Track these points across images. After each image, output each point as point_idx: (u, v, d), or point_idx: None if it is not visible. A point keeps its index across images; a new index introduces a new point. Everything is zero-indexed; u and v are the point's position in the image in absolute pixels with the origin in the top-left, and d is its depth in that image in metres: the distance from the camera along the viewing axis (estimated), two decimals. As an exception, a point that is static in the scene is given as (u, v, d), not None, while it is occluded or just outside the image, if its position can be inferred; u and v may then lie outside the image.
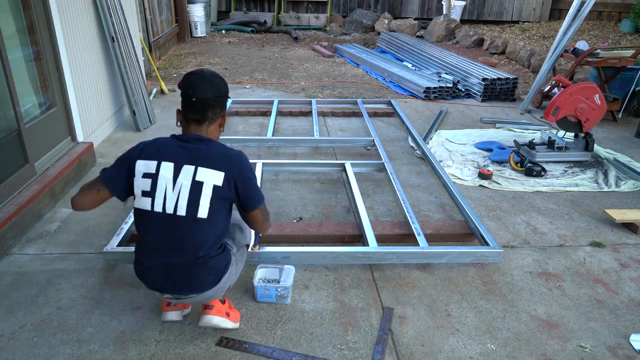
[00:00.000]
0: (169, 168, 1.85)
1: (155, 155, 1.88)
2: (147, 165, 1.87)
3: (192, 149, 1.87)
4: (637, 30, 8.59)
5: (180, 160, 1.86)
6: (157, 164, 1.86)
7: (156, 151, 1.89)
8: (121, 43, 4.30)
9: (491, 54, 8.65)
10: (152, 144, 1.94)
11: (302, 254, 2.58)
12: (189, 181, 1.83)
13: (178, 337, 2.10)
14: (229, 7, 11.25)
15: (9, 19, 2.96)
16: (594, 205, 3.37)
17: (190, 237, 1.86)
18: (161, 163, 1.86)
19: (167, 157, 1.87)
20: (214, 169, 1.85)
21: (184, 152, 1.87)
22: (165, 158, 1.86)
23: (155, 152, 1.89)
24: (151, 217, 1.86)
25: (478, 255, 2.62)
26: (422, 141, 4.21)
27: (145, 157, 1.88)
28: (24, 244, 2.73)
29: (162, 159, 1.86)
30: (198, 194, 1.83)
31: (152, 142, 1.95)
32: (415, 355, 2.04)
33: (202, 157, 1.86)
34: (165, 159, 1.86)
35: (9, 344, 2.03)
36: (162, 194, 1.84)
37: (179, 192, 1.83)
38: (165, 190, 1.84)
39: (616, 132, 4.89)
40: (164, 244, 1.88)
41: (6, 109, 2.84)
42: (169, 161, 1.86)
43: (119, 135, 4.46)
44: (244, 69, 7.25)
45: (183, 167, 1.85)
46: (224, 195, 1.86)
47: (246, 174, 1.90)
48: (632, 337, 2.16)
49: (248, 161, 1.94)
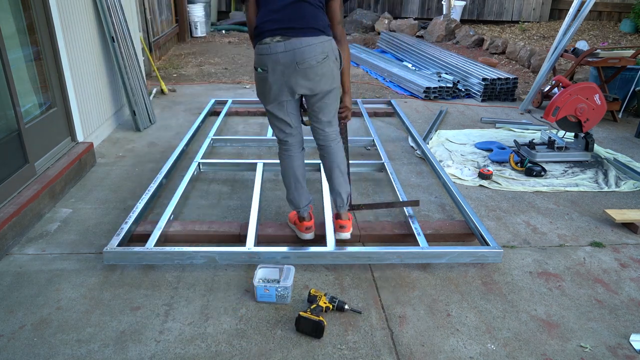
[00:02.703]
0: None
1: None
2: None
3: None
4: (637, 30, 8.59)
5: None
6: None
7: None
8: (121, 43, 4.30)
9: (491, 54, 8.65)
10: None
11: (302, 254, 2.58)
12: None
13: (178, 337, 2.10)
14: (229, 7, 11.25)
15: (9, 19, 2.96)
16: (594, 205, 3.37)
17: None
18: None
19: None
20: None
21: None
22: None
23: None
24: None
25: (478, 255, 2.62)
26: (422, 141, 4.21)
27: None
28: (24, 244, 2.74)
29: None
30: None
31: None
32: (415, 355, 2.04)
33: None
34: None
35: (8, 344, 2.03)
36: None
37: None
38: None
39: (616, 132, 4.89)
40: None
41: (6, 109, 2.84)
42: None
43: (119, 135, 4.46)
44: (244, 69, 7.25)
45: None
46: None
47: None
48: (632, 337, 2.16)
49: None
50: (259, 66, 2.36)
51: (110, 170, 3.72)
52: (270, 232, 2.80)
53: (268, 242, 2.78)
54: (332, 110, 2.52)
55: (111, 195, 3.32)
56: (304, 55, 2.27)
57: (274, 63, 2.30)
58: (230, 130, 4.67)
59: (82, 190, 3.38)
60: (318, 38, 2.29)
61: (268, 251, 2.56)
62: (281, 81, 2.34)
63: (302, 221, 2.73)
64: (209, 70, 7.17)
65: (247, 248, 2.57)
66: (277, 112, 2.49)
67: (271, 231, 2.81)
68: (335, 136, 2.60)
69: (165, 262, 2.56)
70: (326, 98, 2.44)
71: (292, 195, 2.68)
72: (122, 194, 3.34)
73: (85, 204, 3.20)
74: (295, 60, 2.28)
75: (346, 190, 2.65)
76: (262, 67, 2.35)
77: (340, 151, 2.62)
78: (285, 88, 2.37)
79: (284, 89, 2.37)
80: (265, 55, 2.31)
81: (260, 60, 2.34)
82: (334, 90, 2.44)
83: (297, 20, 2.28)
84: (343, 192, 2.64)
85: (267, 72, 2.34)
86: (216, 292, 2.38)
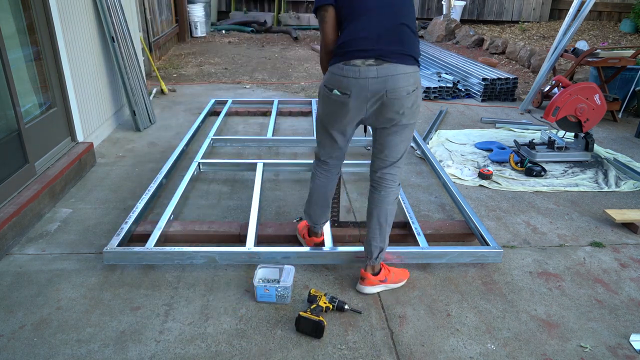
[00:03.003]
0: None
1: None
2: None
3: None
4: (637, 30, 8.59)
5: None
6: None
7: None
8: (121, 43, 4.30)
9: (491, 54, 8.65)
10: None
11: (302, 254, 2.58)
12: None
13: (178, 337, 2.10)
14: (229, 7, 11.26)
15: (9, 19, 2.96)
16: (594, 205, 3.37)
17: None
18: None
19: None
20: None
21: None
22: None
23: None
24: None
25: (478, 255, 2.62)
26: (422, 141, 4.21)
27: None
28: (24, 244, 2.74)
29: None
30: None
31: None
32: (415, 355, 2.04)
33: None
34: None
35: (8, 344, 2.03)
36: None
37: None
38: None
39: (616, 132, 4.89)
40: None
41: (6, 109, 2.84)
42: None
43: (119, 135, 4.46)
44: (244, 69, 7.25)
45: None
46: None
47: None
48: (632, 337, 2.16)
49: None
50: (339, 89, 2.09)
51: (110, 170, 3.72)
52: (270, 232, 2.80)
53: (268, 242, 2.78)
54: (401, 149, 2.22)
55: (111, 195, 3.32)
56: (396, 84, 2.03)
57: (360, 88, 2.05)
58: (230, 130, 4.67)
59: (82, 190, 3.38)
60: (413, 67, 2.07)
61: (268, 251, 2.56)
62: (363, 108, 2.11)
63: (311, 236, 2.66)
64: (209, 70, 7.17)
65: (247, 248, 2.57)
66: (337, 136, 2.26)
67: (271, 231, 2.81)
68: (393, 183, 2.29)
69: (165, 262, 2.56)
70: (399, 134, 2.17)
71: (313, 210, 2.55)
72: (122, 194, 3.34)
73: (85, 204, 3.20)
74: (386, 89, 2.03)
75: (378, 245, 2.33)
76: (343, 90, 2.08)
77: (390, 204, 2.30)
78: (362, 115, 2.14)
79: (360, 116, 2.15)
80: (351, 78, 2.05)
81: (342, 82, 2.07)
82: (411, 125, 2.18)
83: (397, 45, 2.04)
84: (373, 245, 2.33)
85: (349, 96, 2.08)
86: (216, 292, 2.38)
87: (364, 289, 2.38)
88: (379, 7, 2.04)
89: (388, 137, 2.19)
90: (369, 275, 2.36)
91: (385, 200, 2.30)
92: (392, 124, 2.14)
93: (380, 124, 2.17)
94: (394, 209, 2.34)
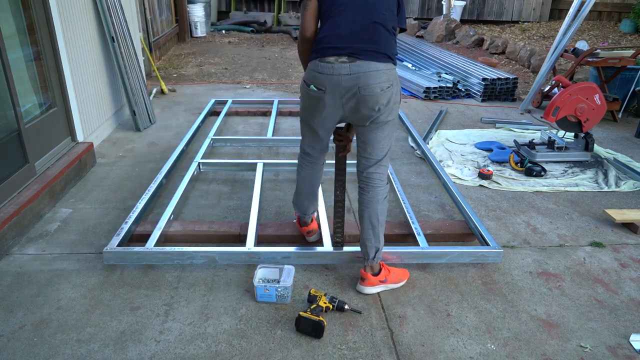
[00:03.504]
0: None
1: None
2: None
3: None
4: (637, 30, 8.59)
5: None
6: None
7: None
8: (121, 43, 4.30)
9: (491, 54, 8.65)
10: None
11: (302, 254, 2.58)
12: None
13: (178, 337, 2.10)
14: (229, 7, 11.26)
15: (9, 19, 2.96)
16: (594, 205, 3.37)
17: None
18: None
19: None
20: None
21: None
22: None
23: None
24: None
25: (478, 255, 2.62)
26: (422, 141, 4.21)
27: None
28: (24, 244, 2.73)
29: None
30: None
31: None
32: (415, 355, 2.04)
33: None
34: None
35: (8, 344, 2.03)
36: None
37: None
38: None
39: (616, 132, 4.89)
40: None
41: (6, 109, 2.84)
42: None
43: (119, 135, 4.46)
44: (244, 69, 7.25)
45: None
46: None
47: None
48: (632, 337, 2.16)
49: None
50: (315, 84, 2.17)
51: (110, 170, 3.72)
52: (270, 232, 2.80)
53: (268, 242, 2.78)
54: (384, 146, 2.26)
55: (111, 195, 3.32)
56: (368, 81, 2.09)
57: (334, 85, 2.12)
58: (230, 130, 4.67)
59: (82, 190, 3.38)
60: (386, 65, 2.12)
61: (268, 251, 2.56)
62: (338, 104, 2.17)
63: (302, 226, 2.73)
64: (209, 70, 7.17)
65: (247, 248, 2.57)
66: (318, 129, 2.33)
67: (271, 231, 2.81)
68: (379, 182, 2.32)
69: (165, 262, 2.56)
70: (380, 130, 2.21)
71: (301, 201, 2.62)
72: (122, 194, 3.34)
73: (85, 204, 3.20)
74: (359, 85, 2.09)
75: (374, 245, 2.34)
76: (318, 85, 2.15)
77: (379, 203, 2.32)
78: (339, 111, 2.21)
79: (337, 112, 2.21)
80: (325, 74, 2.12)
81: (317, 78, 2.15)
82: (391, 122, 2.23)
83: (371, 43, 2.09)
84: (369, 245, 2.35)
85: (324, 92, 2.15)
86: (216, 292, 2.38)
87: (364, 289, 2.38)
88: (355, 5, 2.12)
89: (369, 134, 2.24)
90: (368, 275, 2.37)
91: (374, 200, 2.33)
92: (371, 121, 2.19)
93: (359, 120, 2.22)
94: (385, 207, 2.37)
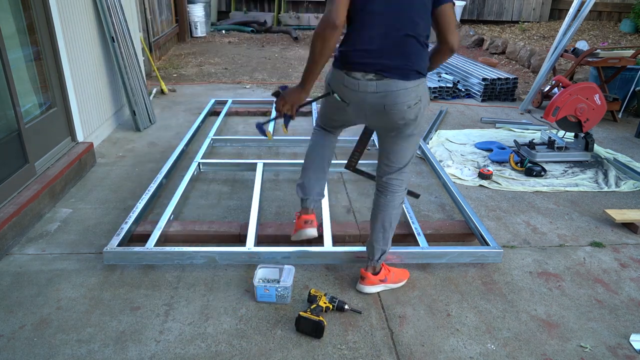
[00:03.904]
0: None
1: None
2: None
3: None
4: (637, 30, 8.59)
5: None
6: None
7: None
8: (121, 43, 4.30)
9: (491, 54, 8.65)
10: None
11: (302, 254, 2.58)
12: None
13: (178, 337, 2.10)
14: (229, 7, 11.26)
15: (9, 19, 2.96)
16: (594, 205, 3.37)
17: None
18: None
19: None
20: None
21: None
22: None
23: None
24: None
25: (478, 255, 2.62)
26: (422, 141, 4.21)
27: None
28: (24, 244, 2.73)
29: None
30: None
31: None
32: (415, 355, 2.04)
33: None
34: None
35: (8, 344, 2.03)
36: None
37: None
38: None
39: (616, 132, 4.89)
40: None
41: (6, 109, 2.84)
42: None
43: (119, 135, 4.46)
44: (244, 69, 7.25)
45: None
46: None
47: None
48: (632, 337, 2.16)
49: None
50: (340, 95, 2.11)
51: (110, 170, 3.72)
52: (270, 232, 2.80)
53: (268, 242, 2.78)
54: (407, 155, 2.21)
55: (111, 195, 3.32)
56: (396, 100, 2.00)
57: (359, 101, 2.06)
58: (230, 130, 4.67)
59: (82, 190, 3.38)
60: (415, 82, 2.01)
61: (268, 251, 2.56)
62: (361, 115, 2.14)
63: (302, 214, 2.49)
64: (209, 70, 7.17)
65: (247, 248, 2.57)
66: (338, 119, 2.33)
67: (271, 231, 2.81)
68: (399, 188, 2.27)
69: (165, 262, 2.56)
70: (405, 141, 2.16)
71: (307, 177, 2.44)
72: (122, 194, 3.34)
73: (85, 204, 3.20)
74: (384, 104, 2.02)
75: (381, 248, 2.32)
76: (342, 97, 2.10)
77: (395, 208, 2.29)
78: (362, 120, 2.19)
79: (360, 120, 2.20)
80: (351, 89, 2.05)
81: (342, 90, 2.09)
82: (416, 135, 2.17)
83: (401, 59, 1.97)
84: (376, 247, 2.33)
85: (347, 105, 2.11)
86: (216, 292, 2.38)
87: (364, 289, 2.38)
88: (388, 13, 1.94)
89: (393, 145, 2.18)
90: (369, 274, 2.36)
91: (390, 205, 2.28)
92: (395, 133, 2.14)
93: (383, 130, 2.17)
94: (399, 213, 2.33)
